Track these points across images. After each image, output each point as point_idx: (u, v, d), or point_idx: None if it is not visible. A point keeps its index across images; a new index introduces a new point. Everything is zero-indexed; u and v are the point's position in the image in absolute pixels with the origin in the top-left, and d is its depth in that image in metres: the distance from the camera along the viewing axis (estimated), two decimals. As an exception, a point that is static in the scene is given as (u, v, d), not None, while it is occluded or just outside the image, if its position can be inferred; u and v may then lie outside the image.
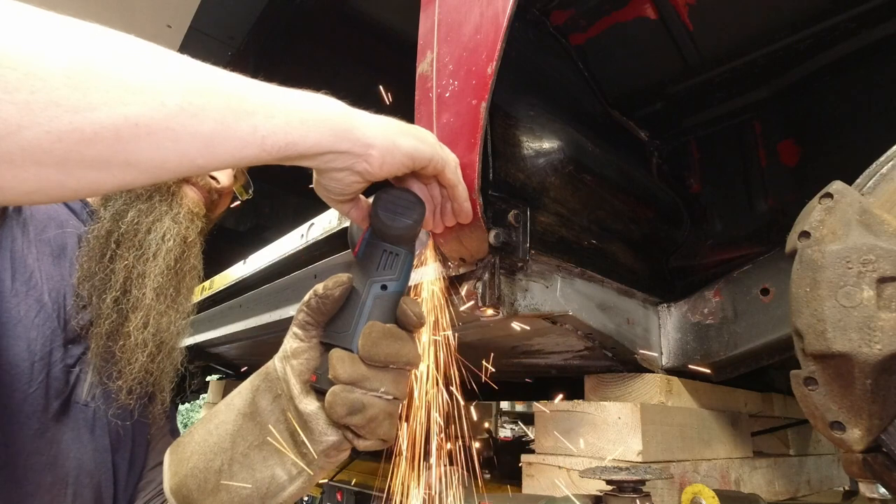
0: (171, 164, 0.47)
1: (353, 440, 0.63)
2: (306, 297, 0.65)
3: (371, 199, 0.68)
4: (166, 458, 0.72)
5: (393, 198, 0.65)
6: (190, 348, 2.35)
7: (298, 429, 0.64)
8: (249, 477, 0.65)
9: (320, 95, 0.58)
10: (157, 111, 0.44)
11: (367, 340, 0.60)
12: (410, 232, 0.66)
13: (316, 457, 0.64)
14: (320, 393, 0.63)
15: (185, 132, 0.46)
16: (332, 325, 0.65)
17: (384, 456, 0.78)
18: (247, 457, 0.65)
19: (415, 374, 0.78)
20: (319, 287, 0.63)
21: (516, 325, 0.96)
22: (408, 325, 0.65)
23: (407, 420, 0.78)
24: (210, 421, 0.70)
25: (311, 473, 0.66)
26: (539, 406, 1.16)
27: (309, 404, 0.63)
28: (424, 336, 0.80)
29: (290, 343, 0.66)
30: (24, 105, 0.38)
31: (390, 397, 0.62)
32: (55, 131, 0.40)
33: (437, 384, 0.81)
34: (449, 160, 0.66)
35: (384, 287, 0.64)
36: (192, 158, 0.47)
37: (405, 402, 0.68)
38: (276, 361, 0.68)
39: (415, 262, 0.73)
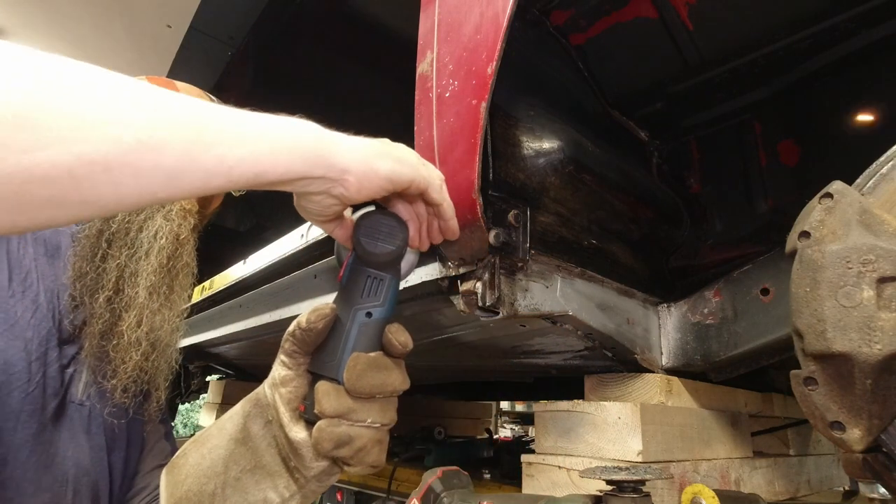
0: (130, 199, 0.45)
1: (343, 467, 0.63)
2: (291, 327, 0.64)
3: (355, 218, 0.67)
4: (162, 478, 0.73)
5: (374, 223, 0.64)
6: (190, 348, 2.35)
7: (290, 455, 0.64)
8: (242, 500, 0.65)
9: (294, 119, 0.57)
10: (113, 147, 0.42)
11: (352, 374, 0.60)
12: (393, 257, 0.64)
13: (307, 482, 0.65)
14: (309, 422, 0.63)
15: (146, 166, 0.44)
16: (318, 354, 0.64)
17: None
18: (239, 480, 0.66)
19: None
20: (303, 319, 0.62)
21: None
22: (393, 353, 0.64)
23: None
24: (203, 445, 0.70)
25: (303, 497, 0.66)
26: (539, 406, 1.16)
27: (299, 432, 0.63)
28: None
29: (278, 371, 0.66)
30: None
31: (377, 425, 0.62)
32: (4, 173, 0.38)
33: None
34: (432, 179, 0.65)
35: (369, 314, 0.63)
36: (153, 192, 0.46)
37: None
38: (265, 388, 0.68)
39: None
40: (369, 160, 0.59)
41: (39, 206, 0.41)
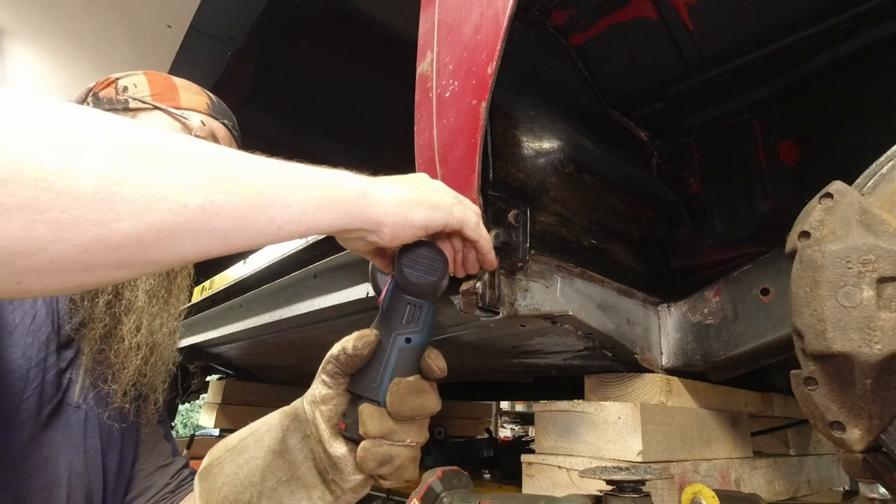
0: (188, 258, 0.48)
1: (379, 481, 0.67)
2: (335, 351, 0.67)
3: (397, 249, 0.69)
4: (196, 485, 0.76)
5: (416, 255, 0.66)
6: (190, 348, 2.35)
7: (328, 469, 0.67)
8: None
9: (339, 173, 0.59)
10: (178, 215, 0.44)
11: (395, 398, 0.64)
12: (433, 288, 0.67)
13: (343, 493, 0.68)
14: (349, 440, 0.67)
15: (205, 231, 0.46)
16: (359, 376, 0.67)
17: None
18: (275, 491, 0.69)
19: None
20: (349, 345, 0.65)
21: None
22: (430, 377, 0.68)
23: None
24: (240, 455, 0.73)
25: None
26: (539, 406, 1.16)
27: (338, 448, 0.66)
28: None
29: (318, 389, 0.69)
30: (55, 223, 0.38)
31: (414, 444, 0.66)
32: (82, 244, 0.40)
33: None
34: (467, 219, 0.67)
35: (408, 340, 0.66)
36: (208, 251, 0.48)
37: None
38: (304, 404, 0.71)
39: None
40: (403, 211, 0.61)
41: (109, 269, 0.43)
